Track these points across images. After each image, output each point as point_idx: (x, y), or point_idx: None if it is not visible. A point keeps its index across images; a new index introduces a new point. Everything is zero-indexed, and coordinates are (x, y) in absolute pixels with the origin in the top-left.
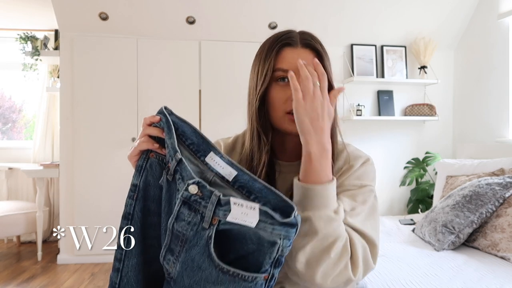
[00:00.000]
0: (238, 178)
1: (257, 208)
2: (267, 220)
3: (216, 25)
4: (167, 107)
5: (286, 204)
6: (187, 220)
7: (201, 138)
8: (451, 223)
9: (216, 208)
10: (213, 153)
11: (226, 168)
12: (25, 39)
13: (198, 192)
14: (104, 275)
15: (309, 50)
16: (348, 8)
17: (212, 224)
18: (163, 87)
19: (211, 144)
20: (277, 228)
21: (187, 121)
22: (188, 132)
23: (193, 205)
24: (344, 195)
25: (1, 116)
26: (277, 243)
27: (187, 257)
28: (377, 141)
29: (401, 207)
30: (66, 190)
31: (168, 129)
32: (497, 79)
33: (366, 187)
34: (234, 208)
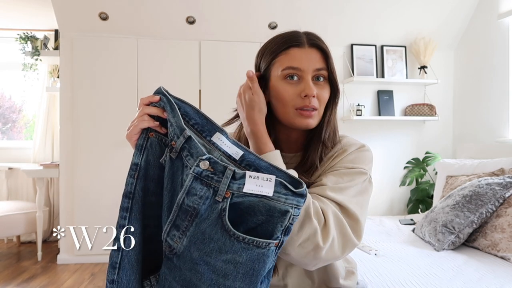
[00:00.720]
0: (244, 157)
1: (273, 179)
2: (281, 190)
3: (216, 25)
4: (164, 87)
5: (293, 179)
6: (199, 195)
7: (205, 119)
8: (451, 223)
9: (230, 182)
10: (219, 133)
11: (233, 147)
12: (25, 39)
13: (209, 168)
14: (104, 275)
15: (315, 49)
16: (348, 8)
17: (225, 197)
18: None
19: (216, 124)
20: (290, 197)
21: (188, 102)
22: (191, 113)
23: (205, 180)
24: (331, 174)
25: (1, 116)
26: (289, 211)
27: (196, 230)
28: (377, 141)
29: (401, 207)
30: (66, 190)
31: (171, 108)
32: (497, 79)
33: (357, 169)
34: (249, 180)
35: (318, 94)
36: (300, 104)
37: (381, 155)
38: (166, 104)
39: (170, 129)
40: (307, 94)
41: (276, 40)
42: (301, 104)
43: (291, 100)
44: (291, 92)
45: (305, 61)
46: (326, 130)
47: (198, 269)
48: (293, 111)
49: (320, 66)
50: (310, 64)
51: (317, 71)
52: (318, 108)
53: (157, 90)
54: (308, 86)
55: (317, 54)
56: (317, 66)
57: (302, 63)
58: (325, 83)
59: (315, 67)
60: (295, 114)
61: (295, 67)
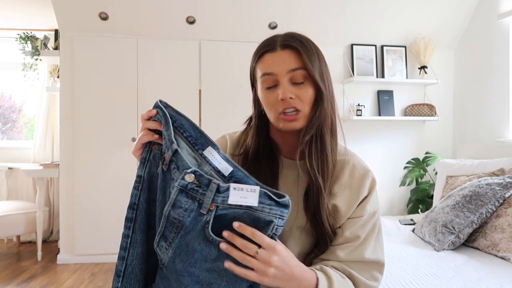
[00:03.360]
0: (233, 173)
1: (257, 190)
2: (265, 201)
3: (216, 25)
4: (162, 100)
5: (278, 193)
6: (184, 207)
7: (199, 133)
8: (451, 223)
9: (214, 195)
10: (211, 147)
11: (223, 163)
12: (25, 39)
13: (195, 181)
14: (104, 275)
15: (288, 50)
16: (348, 8)
17: (210, 210)
18: (163, 87)
19: (209, 139)
20: (274, 208)
21: (185, 115)
22: (186, 125)
23: (190, 193)
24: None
25: (1, 116)
26: (273, 221)
27: (181, 242)
28: (377, 141)
29: (401, 207)
30: (66, 190)
31: (165, 121)
32: (497, 79)
33: (377, 211)
34: (234, 192)
35: (298, 94)
36: (281, 108)
37: (381, 155)
38: (162, 117)
39: (163, 142)
40: (282, 97)
41: (256, 49)
42: (282, 107)
43: (273, 106)
44: (271, 98)
45: (277, 64)
46: (307, 132)
47: (182, 281)
48: (278, 116)
49: (295, 66)
50: (283, 67)
51: (292, 71)
52: (302, 109)
53: (155, 103)
54: (282, 90)
55: (290, 54)
56: (291, 67)
57: (275, 67)
58: (307, 82)
59: (289, 68)
60: (280, 119)
61: (269, 73)
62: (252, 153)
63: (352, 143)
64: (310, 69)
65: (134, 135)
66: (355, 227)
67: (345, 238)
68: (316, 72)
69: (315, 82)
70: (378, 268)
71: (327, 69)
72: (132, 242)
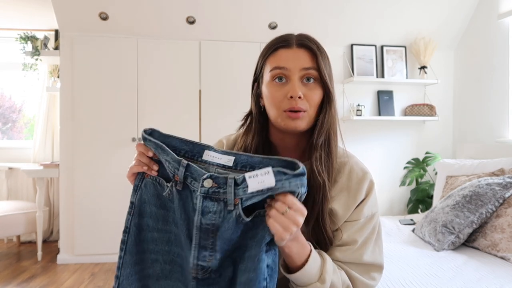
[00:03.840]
0: (237, 160)
1: (270, 171)
2: (282, 177)
3: (216, 25)
4: (146, 129)
5: (289, 162)
6: (212, 211)
7: (191, 144)
8: (451, 223)
9: (234, 189)
10: (206, 150)
11: (223, 157)
12: (25, 39)
13: (213, 184)
14: (104, 275)
15: (303, 49)
16: (348, 8)
17: (236, 204)
18: (163, 87)
19: (201, 144)
20: (292, 180)
21: (171, 134)
22: (178, 144)
23: (213, 196)
24: (355, 229)
25: (1, 116)
26: (296, 191)
27: (223, 241)
28: (377, 141)
29: (401, 207)
30: (66, 190)
31: (161, 149)
32: (497, 79)
33: (375, 214)
34: (250, 181)
35: (307, 95)
36: (287, 106)
37: (381, 155)
38: (157, 148)
39: (169, 167)
40: (292, 95)
41: (269, 43)
42: (288, 105)
43: (279, 102)
44: (278, 93)
45: (292, 60)
46: (319, 135)
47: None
48: (281, 113)
49: (308, 66)
50: (297, 63)
51: (305, 70)
52: (308, 110)
53: (142, 137)
54: (293, 86)
55: (305, 53)
56: (304, 65)
57: (288, 63)
58: (316, 84)
59: (302, 66)
60: (283, 116)
61: (281, 67)
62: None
63: (352, 143)
64: (323, 71)
65: (134, 135)
66: (352, 230)
67: (343, 241)
68: (327, 76)
69: (325, 84)
70: (376, 269)
71: (332, 74)
72: (123, 263)
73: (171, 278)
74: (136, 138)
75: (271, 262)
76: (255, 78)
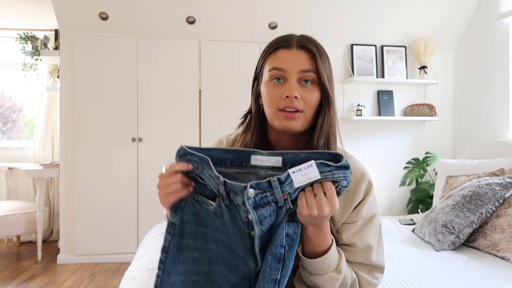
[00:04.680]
0: (285, 160)
1: (313, 164)
2: (325, 169)
3: (216, 25)
4: (185, 145)
5: (333, 154)
6: (267, 214)
7: (235, 152)
8: (451, 223)
9: (281, 188)
10: (253, 155)
11: (271, 158)
12: (25, 39)
13: (257, 191)
14: (104, 275)
15: (303, 51)
16: (348, 8)
17: (285, 199)
18: (163, 87)
19: (245, 150)
20: (335, 172)
21: (210, 147)
22: (221, 155)
23: (263, 202)
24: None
25: (1, 116)
26: (337, 182)
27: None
28: (377, 141)
29: (401, 207)
30: (66, 190)
31: (205, 163)
32: (497, 79)
33: (375, 215)
34: (295, 176)
35: (303, 95)
36: (282, 105)
37: (381, 155)
38: (201, 162)
39: (213, 182)
40: (288, 94)
41: (270, 43)
42: (284, 104)
43: (275, 101)
44: (275, 93)
45: (291, 62)
46: (319, 137)
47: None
48: (277, 113)
49: (307, 68)
50: (295, 65)
51: (303, 72)
52: (303, 111)
53: (181, 151)
54: (290, 87)
55: (305, 55)
56: (303, 68)
57: (287, 64)
58: (314, 85)
59: (300, 68)
60: (279, 116)
61: (279, 68)
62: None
63: (352, 143)
64: (322, 73)
65: (134, 135)
66: (350, 233)
67: (343, 242)
68: (326, 78)
69: (323, 86)
70: (379, 270)
71: (333, 77)
72: (161, 282)
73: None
74: (136, 138)
75: (292, 232)
76: (255, 77)
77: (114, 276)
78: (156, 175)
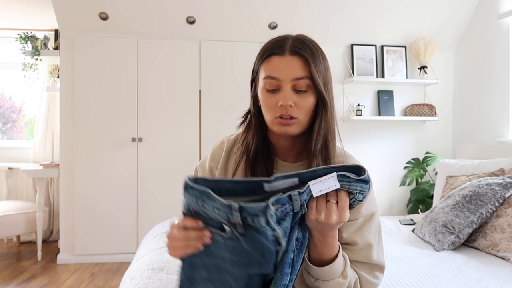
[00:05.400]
0: (302, 180)
1: (334, 175)
2: (344, 179)
3: (216, 25)
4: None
5: (354, 167)
6: (288, 225)
7: (247, 182)
8: (451, 223)
9: (300, 198)
10: (265, 184)
11: (287, 181)
12: (25, 39)
13: (278, 206)
14: (104, 275)
15: (297, 57)
16: (348, 8)
17: (301, 205)
18: (163, 87)
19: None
20: (353, 184)
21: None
22: (232, 186)
23: (284, 215)
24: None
25: (1, 116)
26: (352, 194)
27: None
28: (377, 141)
29: (401, 207)
30: (66, 190)
31: (207, 197)
32: (497, 79)
33: (375, 213)
34: (314, 187)
35: (298, 102)
36: (278, 113)
37: (381, 155)
38: (201, 195)
39: (220, 214)
40: (282, 104)
41: (264, 46)
42: (279, 112)
43: (271, 109)
44: (270, 101)
45: (284, 70)
46: (317, 142)
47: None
48: (274, 119)
49: (301, 75)
50: (289, 73)
51: (297, 80)
52: (298, 117)
53: (184, 184)
54: (284, 96)
55: (299, 62)
56: (296, 75)
57: (281, 73)
58: (310, 91)
59: (294, 76)
60: (275, 122)
61: (273, 77)
62: (252, 153)
63: (352, 143)
64: (316, 79)
65: (134, 135)
66: (350, 230)
67: (343, 241)
68: (321, 82)
69: (318, 92)
70: (379, 269)
71: (330, 77)
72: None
73: None
74: (136, 138)
75: (301, 236)
76: (252, 79)
77: (114, 276)
78: (157, 175)
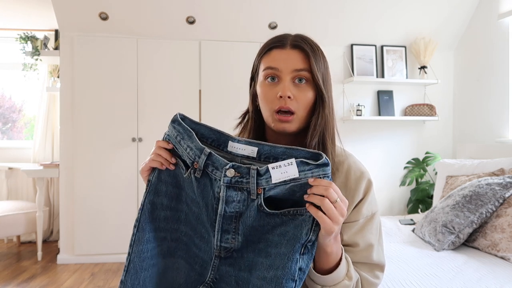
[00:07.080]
0: (260, 151)
1: (293, 162)
2: (304, 167)
3: (216, 25)
4: (181, 113)
5: (312, 153)
6: (236, 200)
7: (218, 133)
8: (451, 223)
9: (257, 179)
10: (230, 141)
11: (247, 148)
12: (25, 39)
13: (236, 173)
14: (104, 275)
15: (297, 50)
16: (348, 8)
17: (258, 194)
18: (163, 87)
19: (226, 134)
20: (315, 170)
21: (201, 123)
22: (206, 132)
23: (236, 186)
24: (355, 229)
25: (1, 116)
26: None
27: (245, 226)
28: (377, 141)
29: (401, 207)
30: (66, 190)
31: (187, 135)
32: (497, 79)
33: (376, 213)
34: (274, 172)
35: (297, 95)
36: (277, 106)
37: (381, 155)
38: (183, 133)
39: (190, 153)
40: (282, 94)
41: (265, 43)
42: (278, 105)
43: (270, 102)
44: (270, 93)
45: (284, 61)
46: (313, 137)
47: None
48: (272, 114)
49: (301, 67)
50: (289, 64)
51: (297, 71)
52: (296, 112)
53: (174, 118)
54: (283, 87)
55: (299, 55)
56: (296, 67)
57: (281, 63)
58: (308, 85)
59: (294, 68)
60: (274, 118)
61: (273, 67)
62: None
63: (352, 143)
64: (315, 72)
65: (134, 135)
66: (352, 232)
67: (344, 243)
68: (320, 77)
69: (317, 86)
70: (380, 269)
71: (330, 77)
72: (135, 240)
73: (174, 255)
74: (136, 138)
75: (304, 266)
76: (252, 77)
77: (114, 276)
78: None
